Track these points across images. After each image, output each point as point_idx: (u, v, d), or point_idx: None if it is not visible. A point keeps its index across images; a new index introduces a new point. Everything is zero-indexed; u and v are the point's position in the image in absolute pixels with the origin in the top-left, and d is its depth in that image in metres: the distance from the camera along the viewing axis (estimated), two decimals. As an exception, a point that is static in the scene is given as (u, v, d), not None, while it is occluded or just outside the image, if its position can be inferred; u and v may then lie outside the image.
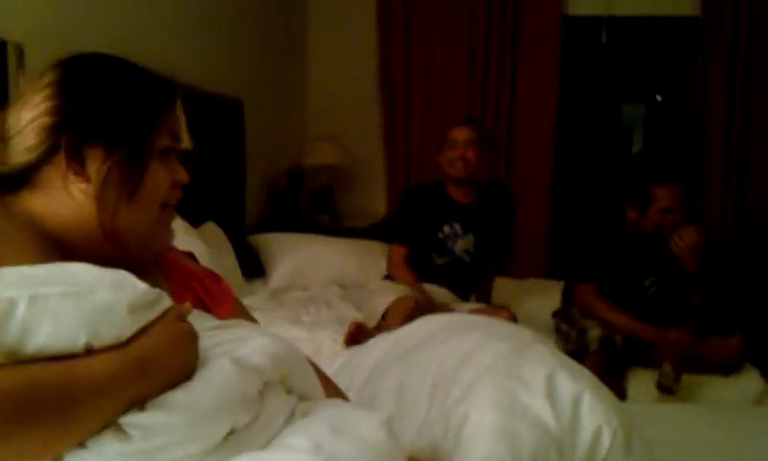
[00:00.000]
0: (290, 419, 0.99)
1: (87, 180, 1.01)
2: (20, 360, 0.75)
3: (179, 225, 2.83)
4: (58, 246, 1.01)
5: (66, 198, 1.01)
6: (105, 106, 1.02)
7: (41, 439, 0.74)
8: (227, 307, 1.23)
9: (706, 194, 4.54)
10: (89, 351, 0.79)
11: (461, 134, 3.20)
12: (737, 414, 2.18)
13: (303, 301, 3.41)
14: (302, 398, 1.05)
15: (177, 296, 1.14)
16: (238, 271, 3.51)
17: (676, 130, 4.88)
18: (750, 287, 4.25)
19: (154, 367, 0.84)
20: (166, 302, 0.92)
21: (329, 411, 1.03)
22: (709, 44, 4.50)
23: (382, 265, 3.45)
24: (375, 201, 5.07)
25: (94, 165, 1.01)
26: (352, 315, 3.10)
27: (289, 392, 1.03)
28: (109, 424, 0.79)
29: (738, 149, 4.52)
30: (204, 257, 2.66)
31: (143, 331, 0.85)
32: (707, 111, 4.55)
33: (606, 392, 1.30)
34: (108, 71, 1.06)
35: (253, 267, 3.78)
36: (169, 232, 1.14)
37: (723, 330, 2.83)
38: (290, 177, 4.85)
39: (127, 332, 0.83)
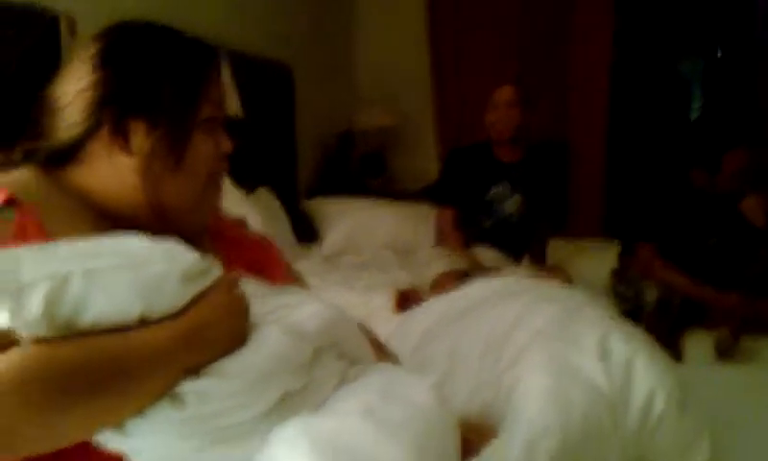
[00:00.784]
0: (341, 384, 0.99)
1: (132, 153, 1.00)
2: (77, 333, 0.77)
3: (231, 192, 2.89)
4: (108, 218, 1.02)
5: (113, 171, 1.02)
6: (147, 78, 1.01)
7: (100, 409, 0.77)
8: (279, 273, 1.24)
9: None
10: (144, 322, 0.81)
11: (501, 96, 3.16)
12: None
13: (357, 265, 3.42)
14: (354, 362, 1.06)
15: (228, 263, 1.15)
16: (291, 236, 3.55)
17: (737, 89, 4.71)
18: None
19: (207, 336, 0.85)
20: (217, 270, 0.93)
21: (380, 376, 1.04)
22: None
23: (431, 228, 3.44)
24: (427, 162, 5.02)
25: (138, 139, 1.00)
26: (405, 280, 3.10)
27: (340, 357, 1.03)
28: (166, 392, 0.81)
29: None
30: (256, 223, 2.70)
31: (195, 301, 0.86)
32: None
33: (660, 353, 1.29)
34: (150, 41, 1.05)
35: (307, 232, 3.80)
36: (217, 202, 1.14)
37: None
38: (341, 140, 4.85)
39: (180, 302, 0.85)
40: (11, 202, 0.91)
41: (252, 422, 0.86)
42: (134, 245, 0.88)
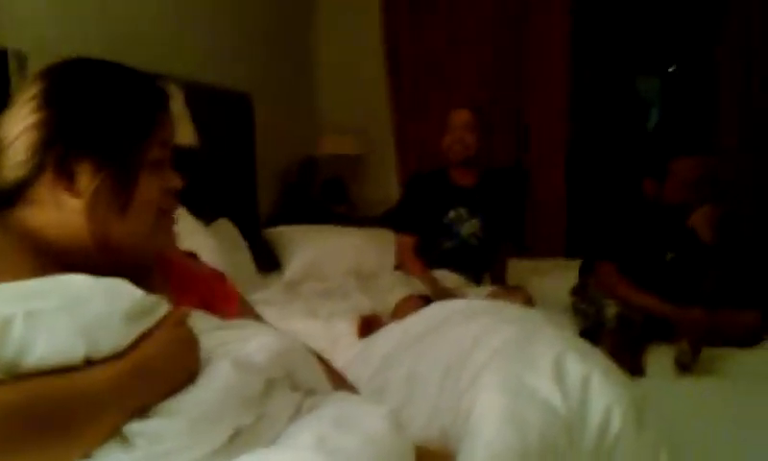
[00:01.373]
0: (296, 415, 0.98)
1: (77, 194, 0.99)
2: (19, 375, 0.75)
3: (190, 223, 2.86)
4: (55, 260, 0.99)
5: (59, 213, 1.00)
6: (92, 119, 1.00)
7: (43, 453, 0.74)
8: (231, 307, 1.22)
9: (724, 167, 4.47)
10: (89, 363, 0.79)
11: (458, 119, 3.20)
12: (755, 387, 2.15)
13: (319, 292, 3.41)
14: (309, 393, 1.05)
15: (178, 298, 1.13)
16: (252, 265, 3.53)
17: (693, 102, 4.81)
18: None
19: (154, 375, 0.84)
20: (164, 307, 0.92)
21: (334, 405, 1.02)
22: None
23: (393, 254, 3.46)
24: (389, 188, 5.06)
25: (84, 180, 0.99)
26: (369, 306, 3.10)
27: (294, 388, 1.02)
28: (113, 433, 0.79)
29: (757, 119, 4.43)
30: (216, 254, 2.69)
31: (141, 340, 0.85)
32: (722, 82, 4.47)
33: (616, 371, 1.29)
34: (95, 80, 1.03)
35: (268, 261, 3.78)
36: (169, 237, 1.12)
37: (743, 304, 2.79)
38: (302, 168, 4.85)
39: (125, 341, 0.83)
40: None
41: (202, 460, 0.85)
42: (76, 284, 0.87)
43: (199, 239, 2.64)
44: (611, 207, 3.06)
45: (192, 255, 1.30)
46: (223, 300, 1.22)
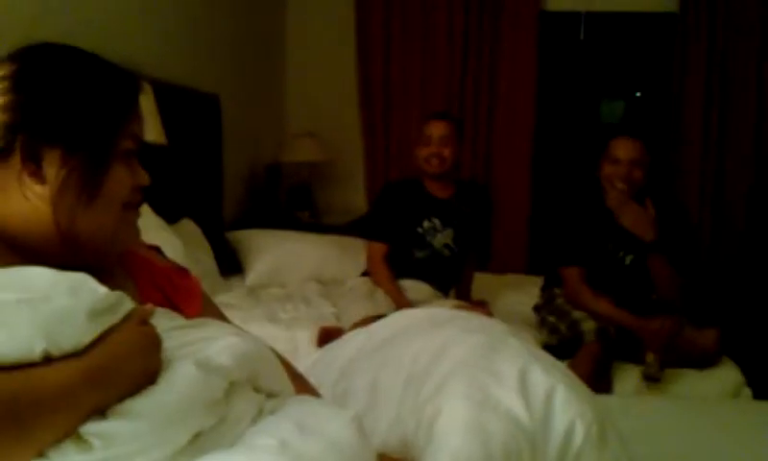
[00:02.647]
0: (257, 417, 0.97)
1: (44, 182, 0.96)
2: None
3: (154, 221, 2.82)
4: (16, 249, 0.97)
5: (23, 201, 0.97)
6: (64, 106, 0.98)
7: None
8: (195, 304, 1.20)
9: (684, 190, 4.57)
10: (48, 360, 0.77)
11: (436, 131, 3.19)
12: (714, 407, 2.18)
13: (281, 298, 3.38)
14: (271, 395, 1.04)
15: (142, 293, 1.11)
16: (215, 268, 3.48)
17: (656, 127, 4.89)
18: (728, 282, 4.27)
19: (114, 374, 0.81)
20: (128, 305, 0.89)
21: (297, 408, 1.01)
22: (687, 40, 4.52)
23: (361, 261, 3.43)
24: (355, 197, 5.06)
25: (52, 168, 0.96)
26: (330, 312, 3.09)
27: (257, 390, 1.01)
28: (70, 433, 0.77)
29: (716, 145, 4.55)
30: (179, 254, 2.65)
31: (103, 337, 0.83)
32: (685, 108, 4.58)
33: (580, 385, 1.30)
34: (68, 66, 1.01)
35: (231, 264, 3.74)
36: (133, 232, 1.10)
37: (702, 323, 2.82)
38: (269, 173, 4.82)
39: (86, 339, 0.81)
40: None
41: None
42: (38, 278, 0.84)
43: (162, 237, 2.59)
44: (568, 214, 3.05)
45: (156, 249, 1.28)
46: (186, 296, 1.19)
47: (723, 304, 3.61)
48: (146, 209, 2.80)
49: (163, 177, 2.86)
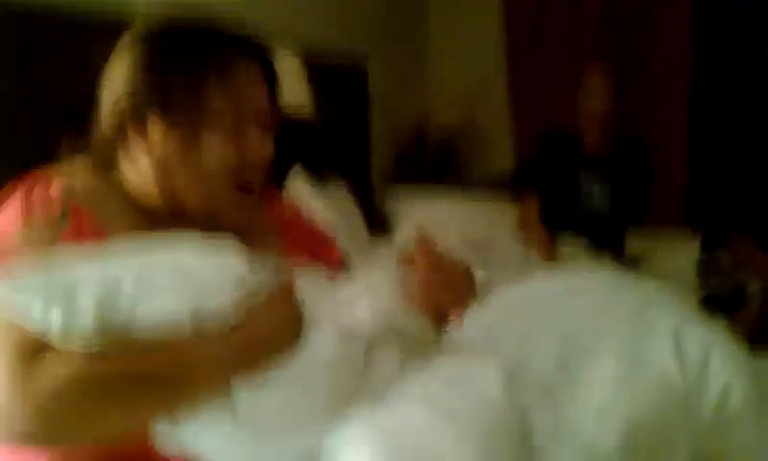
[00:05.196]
0: (403, 375, 0.97)
1: (150, 149, 1.01)
2: (128, 340, 0.78)
3: (303, 185, 2.92)
4: (151, 216, 1.02)
5: (139, 169, 1.02)
6: (168, 77, 1.00)
7: (150, 416, 0.79)
8: (334, 263, 1.23)
9: None
10: (196, 333, 0.81)
11: (598, 86, 3.06)
12: None
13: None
14: (415, 353, 1.04)
15: (285, 251, 1.14)
16: (364, 230, 3.56)
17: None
18: None
19: (260, 349, 0.85)
20: (274, 279, 0.91)
21: (446, 366, 1.01)
22: None
23: (508, 223, 3.39)
24: (502, 158, 4.97)
25: (155, 134, 1.00)
26: (479, 274, 3.07)
27: (400, 350, 1.01)
28: (218, 405, 0.81)
29: None
30: (329, 217, 2.73)
31: (250, 312, 0.85)
32: None
33: (738, 348, 1.23)
34: (185, 40, 1.03)
35: (380, 226, 3.81)
36: (242, 214, 1.08)
37: None
38: (415, 135, 4.84)
39: (233, 313, 0.84)
40: (64, 214, 0.93)
41: (306, 427, 0.86)
42: (187, 251, 0.88)
43: (313, 201, 2.68)
44: (744, 179, 2.88)
45: (296, 208, 1.31)
46: (326, 256, 1.22)
47: None
48: (298, 175, 2.91)
49: (313, 141, 2.96)
